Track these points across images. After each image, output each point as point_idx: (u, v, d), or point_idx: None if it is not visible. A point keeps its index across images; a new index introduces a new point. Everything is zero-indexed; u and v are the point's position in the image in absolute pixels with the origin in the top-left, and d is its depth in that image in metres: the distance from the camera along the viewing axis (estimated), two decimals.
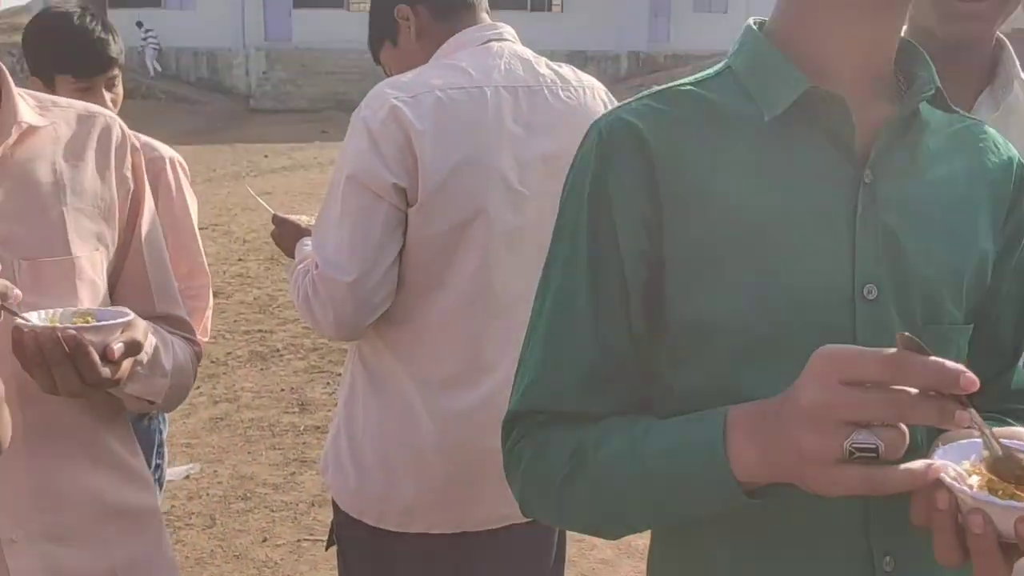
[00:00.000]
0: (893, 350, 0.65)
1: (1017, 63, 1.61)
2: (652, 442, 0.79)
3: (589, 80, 1.70)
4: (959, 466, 0.69)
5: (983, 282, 0.90)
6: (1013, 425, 0.84)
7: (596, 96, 1.67)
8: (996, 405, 0.92)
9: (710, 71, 0.91)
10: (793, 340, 0.78)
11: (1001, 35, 1.58)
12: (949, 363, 0.64)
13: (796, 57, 0.85)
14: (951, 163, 0.89)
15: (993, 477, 0.68)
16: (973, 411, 0.65)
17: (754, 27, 0.90)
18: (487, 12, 1.70)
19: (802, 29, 0.85)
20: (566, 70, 1.67)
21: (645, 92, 0.89)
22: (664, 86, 0.89)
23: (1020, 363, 0.98)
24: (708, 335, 0.83)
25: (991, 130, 0.94)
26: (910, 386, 0.65)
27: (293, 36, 26.92)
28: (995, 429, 0.73)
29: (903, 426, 0.66)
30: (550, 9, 28.20)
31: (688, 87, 0.88)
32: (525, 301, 1.58)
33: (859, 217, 0.83)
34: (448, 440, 1.59)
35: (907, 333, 0.65)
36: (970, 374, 0.63)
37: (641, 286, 0.85)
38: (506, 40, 1.65)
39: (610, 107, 1.65)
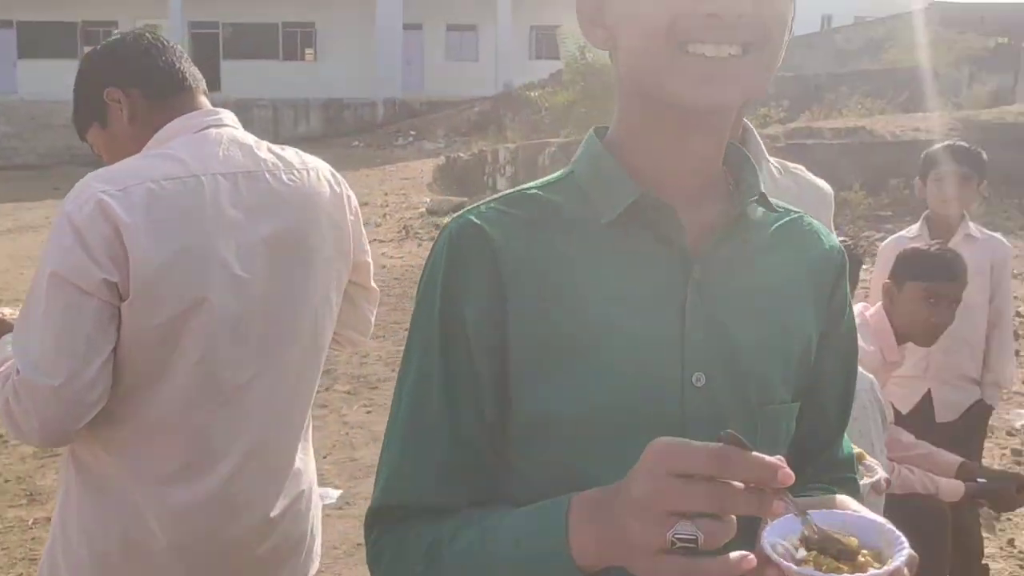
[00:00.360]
0: (719, 444, 0.70)
1: (763, 146, 1.81)
2: (500, 533, 0.83)
3: (314, 162, 1.66)
4: (786, 541, 0.74)
5: (808, 363, 0.97)
6: (837, 494, 0.93)
7: (321, 177, 1.64)
8: (824, 475, 1.01)
9: (556, 175, 0.97)
10: (630, 428, 0.84)
11: (746, 121, 1.77)
12: (768, 459, 0.69)
13: (631, 164, 0.92)
14: (777, 255, 0.96)
15: (818, 553, 0.74)
16: (789, 498, 0.71)
17: (595, 137, 0.97)
18: (206, 95, 1.64)
19: (635, 141, 0.93)
20: (289, 153, 1.63)
21: (493, 196, 0.95)
22: (512, 190, 0.96)
23: (844, 434, 1.06)
24: (551, 425, 0.89)
25: (816, 222, 1.02)
26: (733, 479, 0.69)
27: (19, 88, 24.89)
28: (823, 498, 0.82)
29: (730, 516, 0.70)
30: (303, 58, 27.87)
31: (534, 191, 0.95)
32: (252, 387, 1.51)
33: (688, 311, 0.89)
34: (182, 536, 1.50)
35: (731, 430, 0.70)
36: (787, 469, 0.69)
37: (490, 379, 0.90)
38: (226, 126, 1.59)
39: (336, 187, 1.67)
